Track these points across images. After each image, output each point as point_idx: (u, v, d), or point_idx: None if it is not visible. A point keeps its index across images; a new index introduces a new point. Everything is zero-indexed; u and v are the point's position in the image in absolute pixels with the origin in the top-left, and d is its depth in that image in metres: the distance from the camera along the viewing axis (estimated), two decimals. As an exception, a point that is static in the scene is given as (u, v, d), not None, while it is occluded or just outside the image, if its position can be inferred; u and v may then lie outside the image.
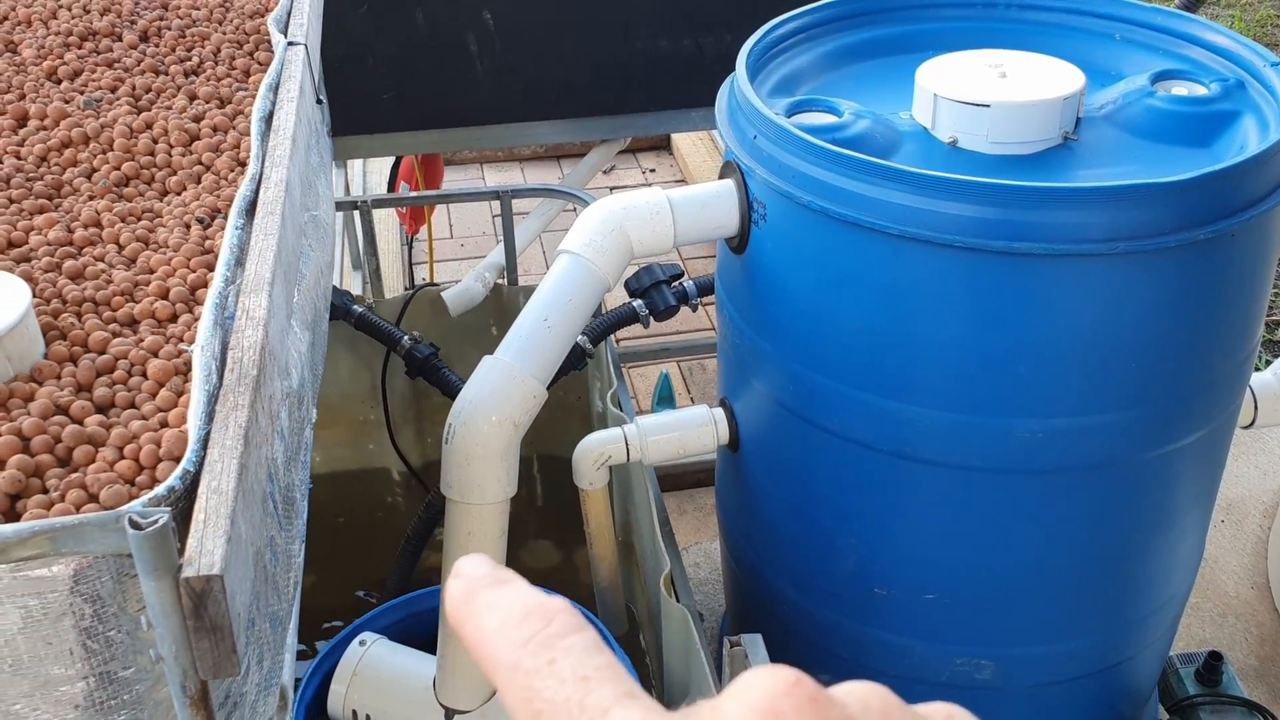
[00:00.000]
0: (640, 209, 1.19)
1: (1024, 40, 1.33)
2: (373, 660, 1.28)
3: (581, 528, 1.41)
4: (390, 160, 2.44)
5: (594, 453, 1.31)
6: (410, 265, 2.55)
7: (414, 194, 2.24)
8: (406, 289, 2.35)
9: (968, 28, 1.38)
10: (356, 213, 2.23)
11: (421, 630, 1.37)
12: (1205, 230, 1.03)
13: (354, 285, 2.46)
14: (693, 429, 1.34)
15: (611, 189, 3.20)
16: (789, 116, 1.18)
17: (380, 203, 1.78)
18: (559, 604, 0.28)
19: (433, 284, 1.79)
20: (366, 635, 1.31)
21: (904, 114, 1.22)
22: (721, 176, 1.24)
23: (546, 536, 1.92)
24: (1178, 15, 1.30)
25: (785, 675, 0.25)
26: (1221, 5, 4.28)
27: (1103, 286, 1.06)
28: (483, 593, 0.29)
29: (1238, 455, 2.18)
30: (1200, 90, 1.21)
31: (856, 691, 0.26)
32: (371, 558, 1.80)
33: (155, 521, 0.52)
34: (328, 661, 1.32)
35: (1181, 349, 1.12)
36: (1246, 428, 1.38)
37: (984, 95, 1.14)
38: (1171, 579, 1.34)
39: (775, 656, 1.07)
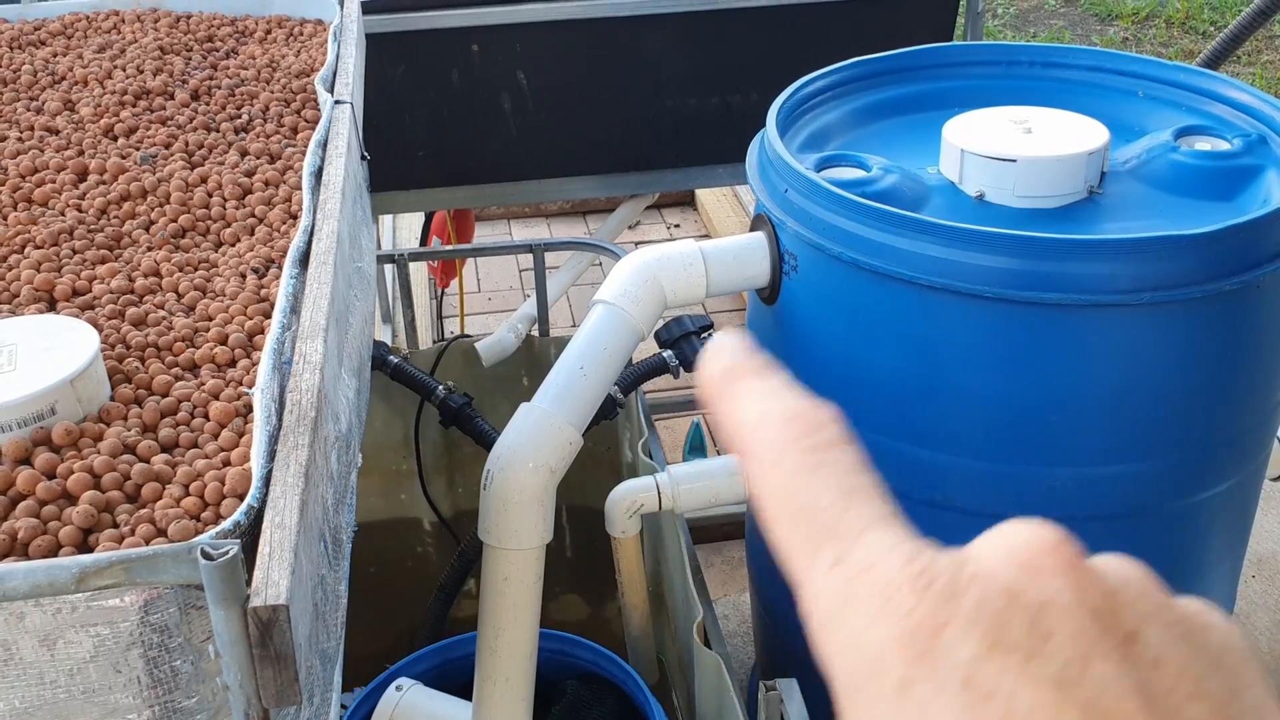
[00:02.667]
0: (674, 260, 1.22)
1: (1048, 97, 1.36)
2: (409, 706, 1.30)
3: (610, 578, 1.42)
4: (421, 216, 2.49)
5: (626, 501, 1.33)
6: (440, 318, 2.58)
7: (449, 248, 2.28)
8: (436, 341, 2.39)
9: (992, 85, 1.41)
10: (388, 267, 2.27)
11: (456, 676, 1.38)
12: (1231, 282, 1.05)
13: (384, 338, 2.50)
14: (725, 477, 1.35)
15: (637, 244, 3.25)
16: (819, 171, 1.21)
17: (416, 256, 1.82)
18: (831, 413, 0.28)
19: (465, 336, 1.82)
20: (403, 680, 1.33)
21: (931, 169, 1.25)
22: (752, 229, 1.27)
23: (576, 587, 1.93)
24: (1200, 72, 1.33)
25: (1051, 533, 0.24)
26: (1242, 63, 4.32)
27: (1130, 337, 1.08)
28: (744, 379, 0.28)
29: (1268, 510, 2.17)
30: (1223, 145, 1.24)
31: (1116, 565, 0.25)
32: (401, 608, 1.82)
33: (226, 552, 0.54)
34: (364, 706, 1.33)
35: (1209, 398, 1.14)
36: (1276, 480, 1.39)
37: (1010, 150, 1.17)
38: (1203, 630, 1.34)
39: (808, 708, 1.08)
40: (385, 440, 1.80)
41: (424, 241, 2.41)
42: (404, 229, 3.12)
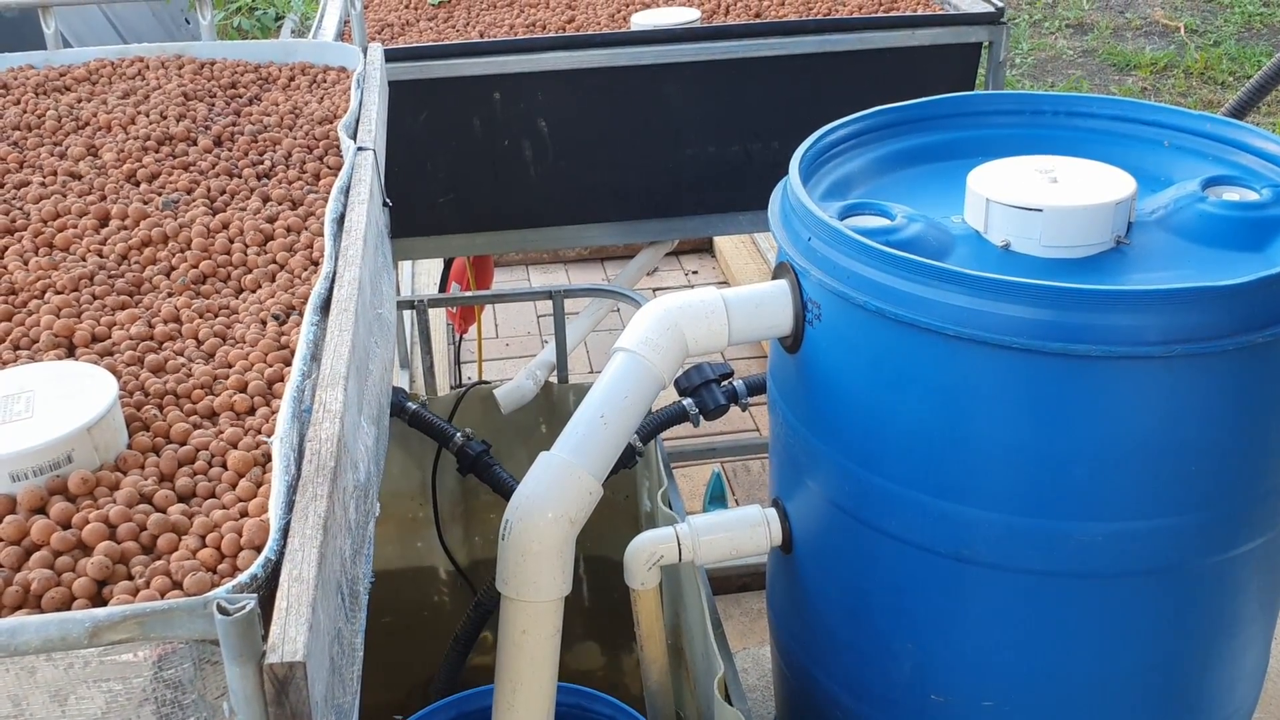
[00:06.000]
0: (695, 308, 1.21)
1: (1073, 147, 1.35)
2: (422, 760, 1.27)
3: (627, 630, 1.40)
4: (440, 262, 2.49)
5: (646, 552, 1.31)
6: (458, 363, 2.58)
7: (469, 294, 2.28)
8: (453, 387, 2.38)
9: (1016, 134, 1.41)
10: (407, 312, 2.27)
11: (471, 730, 1.36)
12: (1263, 334, 1.03)
13: (401, 384, 2.49)
14: (745, 529, 1.33)
15: (654, 290, 3.25)
16: (842, 219, 1.21)
17: (436, 302, 1.82)
18: None
19: (484, 382, 1.81)
20: (416, 734, 1.30)
21: (956, 218, 1.24)
22: (775, 277, 1.26)
23: (592, 638, 1.91)
24: (1227, 122, 1.32)
25: None
26: (1263, 114, 4.32)
27: (1160, 389, 1.06)
28: None
29: (1295, 563, 2.13)
30: (1252, 195, 1.22)
31: None
32: (417, 657, 1.79)
33: (242, 607, 0.53)
34: (376, 761, 1.31)
35: (1241, 453, 1.11)
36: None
37: (1036, 200, 1.16)
38: (1236, 691, 1.31)
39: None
40: (402, 487, 1.78)
41: (443, 287, 2.41)
42: (423, 274, 3.13)
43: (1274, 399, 1.10)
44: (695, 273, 3.43)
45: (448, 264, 2.41)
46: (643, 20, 1.96)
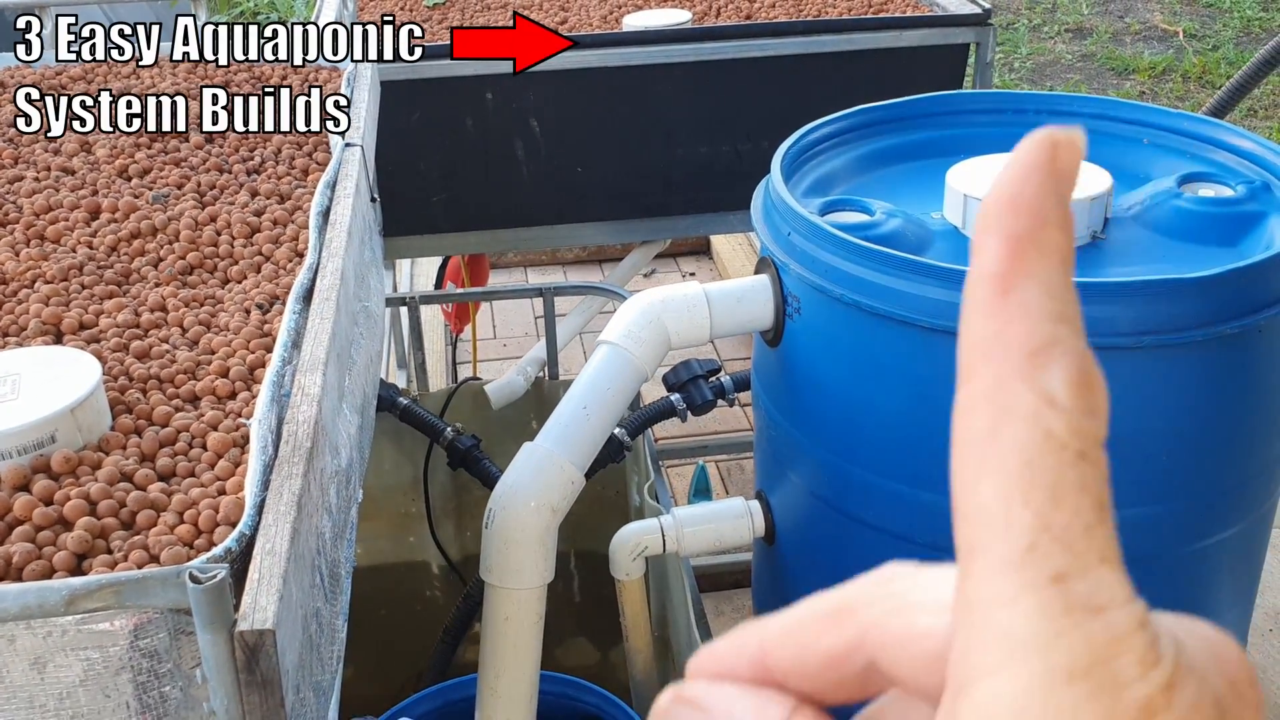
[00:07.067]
0: (677, 301, 1.23)
1: (1053, 144, 1.37)
2: (409, 748, 1.29)
3: (618, 624, 1.42)
4: (437, 262, 2.51)
5: (630, 543, 1.33)
6: (455, 364, 2.60)
7: (460, 291, 2.30)
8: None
9: (996, 133, 1.42)
10: (404, 310, 2.29)
11: (458, 718, 1.38)
12: (1232, 325, 1.05)
13: (399, 383, 2.51)
14: (729, 521, 1.35)
15: (652, 292, 3.26)
16: (822, 215, 1.22)
17: (428, 299, 1.84)
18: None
19: (475, 378, 1.83)
20: (403, 722, 1.32)
21: (935, 214, 1.26)
22: (756, 272, 1.28)
23: (583, 632, 1.92)
24: (1204, 120, 1.34)
25: (1248, 661, 0.23)
26: (1260, 117, 4.33)
27: (1132, 380, 1.08)
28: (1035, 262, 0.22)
29: (1284, 561, 2.15)
30: (1227, 192, 1.24)
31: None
32: (411, 651, 1.81)
33: (214, 576, 0.55)
34: (364, 748, 1.33)
35: (1212, 443, 1.13)
36: (1286, 527, 1.38)
37: (1013, 195, 1.18)
38: (1214, 681, 1.33)
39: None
40: (394, 483, 1.80)
41: (438, 286, 2.43)
42: (420, 276, 3.15)
43: (1243, 390, 1.12)
44: (693, 274, 3.45)
45: (443, 264, 2.43)
46: (634, 21, 1.98)
